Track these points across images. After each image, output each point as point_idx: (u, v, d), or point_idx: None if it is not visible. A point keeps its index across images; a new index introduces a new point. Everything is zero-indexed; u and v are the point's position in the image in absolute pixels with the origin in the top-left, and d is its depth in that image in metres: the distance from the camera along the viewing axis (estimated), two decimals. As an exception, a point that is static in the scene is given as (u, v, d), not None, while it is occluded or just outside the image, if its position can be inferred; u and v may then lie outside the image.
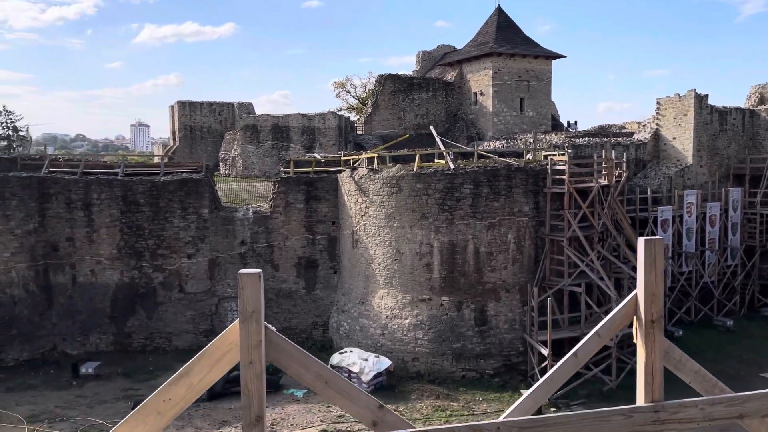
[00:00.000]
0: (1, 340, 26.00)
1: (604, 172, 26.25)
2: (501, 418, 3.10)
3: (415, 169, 25.62)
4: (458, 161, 27.07)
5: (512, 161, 26.41)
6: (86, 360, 26.65)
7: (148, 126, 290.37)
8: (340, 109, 70.41)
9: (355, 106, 75.00)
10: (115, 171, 29.39)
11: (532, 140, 33.17)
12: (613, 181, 27.10)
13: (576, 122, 56.36)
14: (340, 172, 29.91)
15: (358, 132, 52.81)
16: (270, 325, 2.94)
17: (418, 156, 26.35)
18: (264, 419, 2.86)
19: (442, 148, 27.51)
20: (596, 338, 3.28)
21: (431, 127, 33.26)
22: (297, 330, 29.22)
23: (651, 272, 3.11)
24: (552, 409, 22.18)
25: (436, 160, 27.80)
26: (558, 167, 25.03)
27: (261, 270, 2.87)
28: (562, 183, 24.74)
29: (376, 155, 27.95)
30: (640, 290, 3.14)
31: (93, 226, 28.18)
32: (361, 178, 27.20)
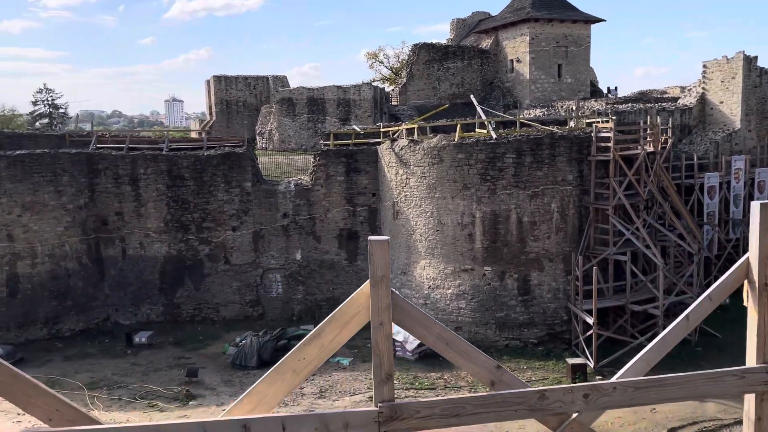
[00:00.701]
0: (58, 311, 27.09)
1: (649, 139, 25.70)
2: (615, 378, 3.19)
3: (456, 140, 25.49)
4: (499, 130, 26.80)
5: (555, 129, 26.03)
6: (138, 330, 27.64)
7: (181, 101, 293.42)
8: (373, 80, 70.01)
9: (388, 76, 74.46)
10: (160, 146, 29.96)
11: (573, 107, 32.56)
12: (659, 148, 26.52)
13: (616, 88, 55.04)
14: (379, 143, 29.94)
15: (393, 103, 52.54)
16: (394, 290, 3.07)
17: (459, 126, 26.16)
18: (392, 377, 3.01)
19: (483, 118, 27.24)
20: (708, 301, 3.32)
21: (471, 96, 32.90)
22: (340, 300, 29.22)
23: (766, 235, 3.11)
24: (597, 377, 22.25)
25: (477, 130, 27.57)
26: (603, 134, 24.59)
27: (389, 237, 2.98)
28: (607, 151, 24.32)
29: (416, 126, 27.84)
30: (753, 253, 3.15)
31: (140, 201, 28.89)
32: (402, 149, 27.18)
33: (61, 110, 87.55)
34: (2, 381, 2.70)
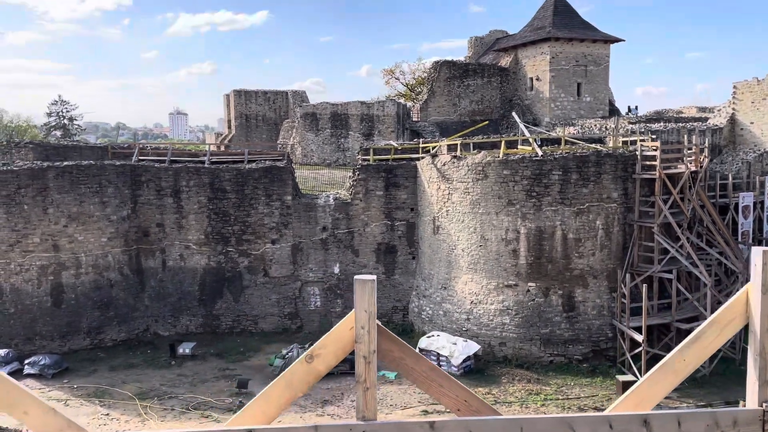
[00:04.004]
0: (100, 321, 27.17)
1: (692, 158, 26.03)
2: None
3: (501, 156, 25.79)
4: (542, 147, 27.13)
5: (600, 147, 26.36)
6: (177, 341, 27.69)
7: (186, 114, 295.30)
8: (389, 97, 70.62)
9: (404, 93, 75.11)
10: (201, 159, 30.23)
11: (612, 126, 32.96)
12: (699, 167, 26.84)
13: (636, 107, 55.62)
14: (417, 159, 30.26)
15: (414, 119, 53.01)
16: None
17: (503, 142, 26.49)
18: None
19: (527, 135, 27.58)
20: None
21: (513, 113, 33.30)
22: (378, 314, 29.68)
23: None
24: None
25: (520, 147, 27.90)
26: (648, 153, 24.91)
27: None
28: (651, 169, 24.63)
29: (459, 142, 28.17)
30: (755, 301, 3.05)
31: (182, 213, 29.10)
32: (444, 165, 27.47)
33: (75, 122, 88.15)
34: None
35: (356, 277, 3.13)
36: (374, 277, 3.19)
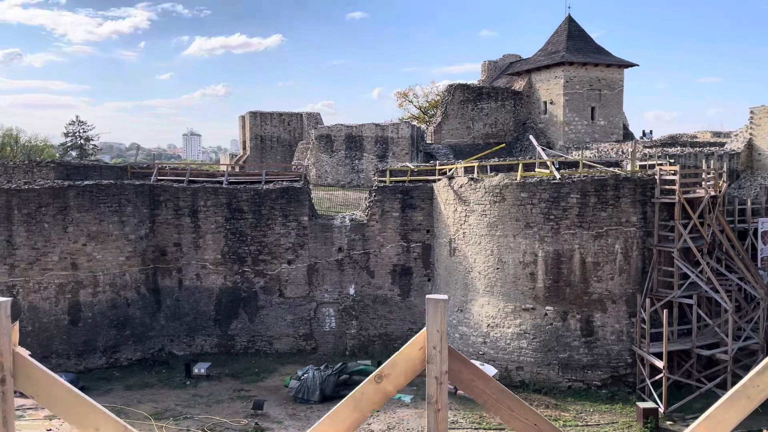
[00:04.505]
0: (117, 340, 27.20)
1: (711, 183, 25.90)
2: None
3: (518, 179, 25.80)
4: (560, 170, 27.12)
5: (618, 171, 26.32)
6: (192, 360, 27.63)
7: (199, 135, 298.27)
8: (402, 119, 71.13)
9: (417, 115, 75.61)
10: (219, 180, 30.46)
11: (630, 150, 32.93)
12: (718, 192, 26.69)
13: (651, 131, 55.68)
14: (433, 181, 30.32)
15: (428, 141, 53.27)
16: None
17: (521, 165, 26.52)
18: None
19: (545, 158, 27.60)
20: None
21: (530, 136, 33.38)
22: (393, 336, 29.63)
23: None
24: (668, 422, 21.97)
25: (537, 170, 27.91)
26: (667, 177, 24.83)
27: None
28: (671, 193, 24.52)
29: (476, 165, 28.23)
30: None
31: (199, 232, 29.26)
32: (461, 187, 27.50)
33: (92, 142, 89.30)
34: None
35: (428, 296, 3.13)
36: (446, 297, 3.19)
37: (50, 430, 16.52)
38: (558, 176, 25.31)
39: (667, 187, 24.70)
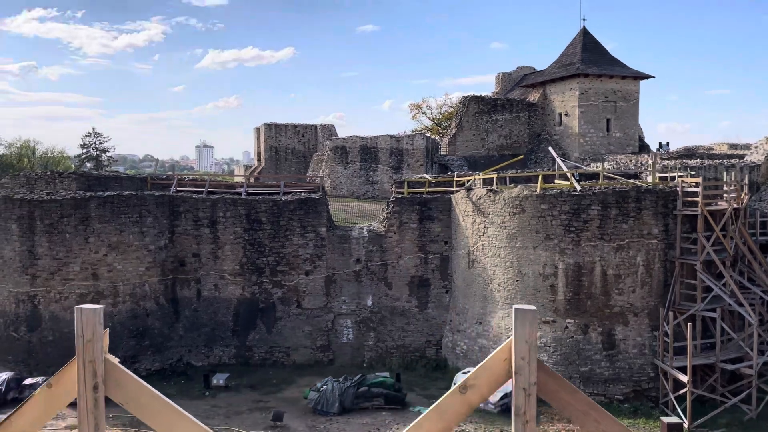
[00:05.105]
0: (136, 350, 27.28)
1: (734, 195, 25.68)
2: None
3: (538, 190, 25.71)
4: (580, 182, 27.00)
5: (640, 183, 26.16)
6: (210, 371, 27.62)
7: (212, 147, 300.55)
8: (416, 130, 71.27)
9: (430, 127, 75.73)
10: (238, 191, 30.61)
11: (649, 161, 32.76)
12: (741, 204, 26.46)
13: (668, 143, 55.32)
14: (451, 192, 30.29)
15: (442, 153, 53.30)
16: None
17: (540, 177, 26.44)
18: None
19: (565, 170, 27.52)
20: None
21: (550, 148, 33.31)
22: (411, 348, 29.49)
23: None
24: (693, 438, 21.64)
25: (556, 181, 27.81)
26: (689, 189, 24.65)
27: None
28: (693, 205, 24.32)
29: (495, 176, 28.18)
30: None
31: (218, 243, 29.36)
32: (480, 198, 27.44)
33: (107, 154, 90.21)
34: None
35: (516, 306, 3.11)
36: (534, 307, 3.16)
37: None
38: (578, 188, 25.20)
39: (689, 199, 24.50)
